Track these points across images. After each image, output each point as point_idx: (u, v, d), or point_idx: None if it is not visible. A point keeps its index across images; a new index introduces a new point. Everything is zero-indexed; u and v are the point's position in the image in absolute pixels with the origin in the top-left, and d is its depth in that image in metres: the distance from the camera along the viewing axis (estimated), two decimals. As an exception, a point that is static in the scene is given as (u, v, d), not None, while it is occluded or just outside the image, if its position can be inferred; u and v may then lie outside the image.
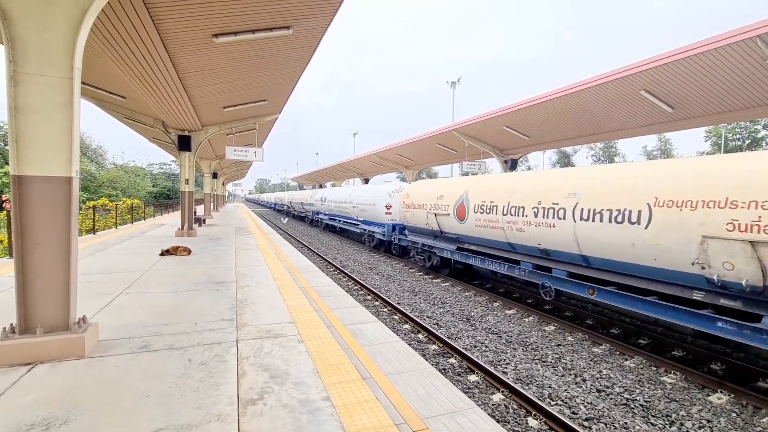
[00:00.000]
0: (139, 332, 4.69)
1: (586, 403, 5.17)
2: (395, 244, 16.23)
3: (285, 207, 52.39)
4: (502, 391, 5.43)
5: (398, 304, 9.66)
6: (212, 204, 31.71)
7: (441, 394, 3.55)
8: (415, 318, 8.27)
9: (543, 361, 6.51)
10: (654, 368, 6.25)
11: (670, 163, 6.65)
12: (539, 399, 5.21)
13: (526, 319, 8.62)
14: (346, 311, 5.93)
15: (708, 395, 5.44)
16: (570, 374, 6.05)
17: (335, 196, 25.73)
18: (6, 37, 3.60)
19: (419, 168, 31.44)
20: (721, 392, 5.46)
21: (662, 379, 5.90)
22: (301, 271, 8.79)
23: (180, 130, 14.68)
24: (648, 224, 6.16)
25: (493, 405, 5.12)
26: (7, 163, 33.15)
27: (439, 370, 6.04)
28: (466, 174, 20.11)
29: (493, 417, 4.85)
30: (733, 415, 4.97)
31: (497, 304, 9.76)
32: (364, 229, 19.81)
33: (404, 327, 8.14)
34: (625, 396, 5.38)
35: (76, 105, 3.91)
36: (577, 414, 4.94)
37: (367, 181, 40.55)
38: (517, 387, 5.33)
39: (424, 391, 3.59)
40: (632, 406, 5.16)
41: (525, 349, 6.99)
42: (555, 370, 6.21)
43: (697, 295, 5.81)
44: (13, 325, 3.86)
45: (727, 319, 5.46)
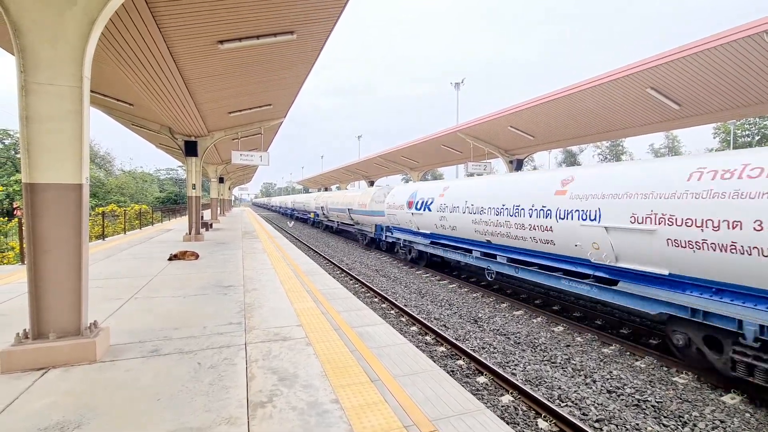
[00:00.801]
0: (148, 336, 4.73)
1: (596, 404, 5.12)
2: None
3: (289, 210, 53.72)
4: (512, 393, 5.40)
5: (405, 306, 9.65)
6: (219, 208, 31.94)
7: (449, 395, 3.54)
8: (422, 320, 8.25)
9: (552, 362, 6.46)
10: (665, 368, 6.18)
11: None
12: (549, 400, 5.17)
13: (535, 320, 8.56)
14: (353, 314, 5.94)
15: (721, 395, 5.36)
16: (580, 375, 6.00)
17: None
18: (17, 48, 3.68)
19: (424, 169, 31.43)
20: (734, 392, 5.39)
21: (674, 379, 5.82)
22: (307, 274, 8.82)
23: (186, 136, 14.84)
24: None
25: (503, 407, 5.09)
26: (18, 171, 33.69)
27: (448, 372, 6.01)
28: (471, 175, 20.09)
29: (503, 419, 4.82)
30: (747, 415, 4.90)
31: (505, 305, 9.71)
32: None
33: (412, 329, 8.13)
34: (637, 397, 5.32)
35: (86, 113, 3.97)
36: (587, 415, 4.89)
37: (372, 183, 40.60)
38: (527, 388, 5.30)
39: (432, 392, 3.58)
40: (644, 406, 5.10)
41: (534, 350, 6.95)
42: (564, 371, 6.17)
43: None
44: (26, 330, 3.92)
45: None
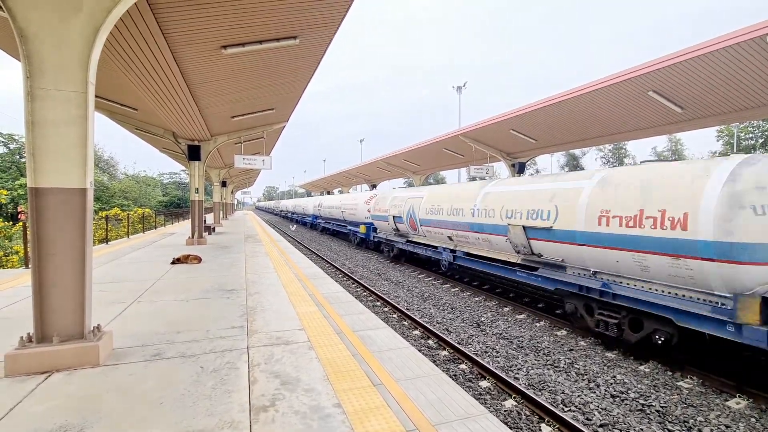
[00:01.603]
0: (151, 340, 4.75)
1: (600, 409, 5.09)
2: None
3: (290, 213, 55.62)
4: (515, 397, 5.37)
5: (408, 309, 9.63)
6: (221, 212, 32.04)
7: (452, 400, 3.53)
8: (424, 324, 8.23)
9: (555, 367, 6.42)
10: (669, 373, 6.13)
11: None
12: (552, 405, 5.14)
13: (537, 324, 8.53)
14: (355, 317, 5.93)
15: (726, 400, 5.32)
16: (583, 379, 5.97)
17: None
18: (23, 54, 3.72)
19: (427, 173, 31.43)
20: (740, 397, 5.34)
21: (678, 384, 5.78)
22: (310, 278, 8.83)
23: (189, 140, 14.92)
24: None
25: (506, 411, 5.07)
26: (23, 176, 33.93)
27: (450, 376, 5.99)
28: (474, 179, 20.09)
29: (506, 423, 4.80)
30: (753, 420, 4.85)
31: (507, 309, 9.68)
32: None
33: (414, 333, 8.11)
34: (641, 401, 5.29)
35: (90, 118, 4.01)
36: (591, 420, 4.86)
37: (374, 187, 40.63)
38: (530, 393, 5.27)
39: (435, 397, 3.57)
40: (648, 411, 5.07)
41: (537, 355, 6.91)
42: (568, 375, 6.13)
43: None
44: (30, 334, 3.93)
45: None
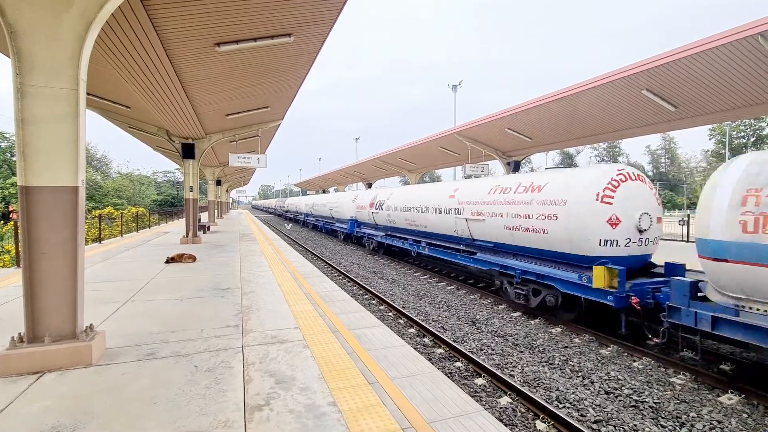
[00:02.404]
0: (145, 340, 4.71)
1: (594, 406, 5.12)
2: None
3: (284, 211, 57.39)
4: (510, 395, 5.39)
5: (403, 308, 9.64)
6: (216, 211, 31.86)
7: (447, 397, 3.54)
8: (420, 322, 8.24)
9: (550, 364, 6.46)
10: (663, 369, 6.19)
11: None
12: (547, 402, 5.17)
13: (532, 321, 8.57)
14: (351, 316, 5.93)
15: (718, 396, 5.37)
16: (578, 376, 6.01)
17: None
18: (12, 50, 3.66)
19: (422, 171, 31.45)
20: (732, 392, 5.40)
21: (671, 380, 5.83)
22: (305, 277, 8.81)
23: (184, 139, 14.81)
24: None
25: (501, 408, 5.09)
26: (14, 174, 33.54)
27: (446, 374, 6.01)
28: (469, 176, 20.14)
29: (501, 420, 4.82)
30: (744, 415, 4.91)
31: (502, 307, 9.72)
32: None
33: (410, 331, 8.12)
34: (634, 398, 5.33)
35: (82, 116, 3.96)
36: (585, 416, 4.89)
37: (370, 185, 40.61)
38: (525, 390, 5.30)
39: (430, 395, 3.58)
40: (641, 407, 5.11)
41: (532, 352, 6.95)
42: (562, 372, 6.17)
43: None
44: (21, 334, 3.89)
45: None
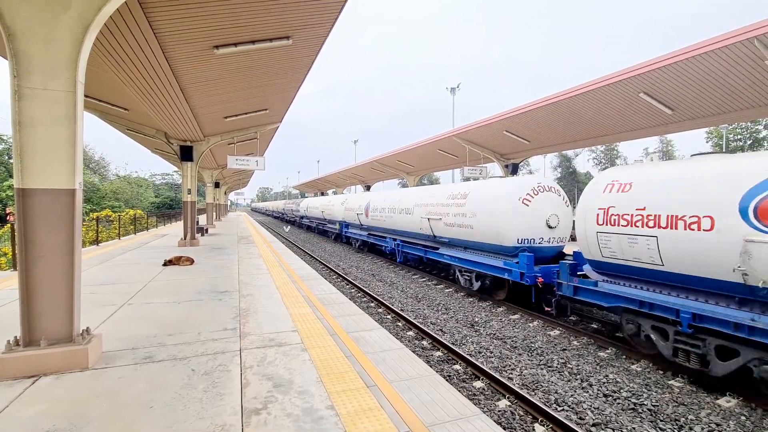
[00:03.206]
0: (142, 343, 4.69)
1: (593, 408, 5.11)
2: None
3: (281, 214, 58.39)
4: (508, 397, 5.38)
5: (402, 310, 9.63)
6: (214, 213, 31.80)
7: (446, 401, 3.53)
8: (418, 324, 8.23)
9: (548, 366, 6.45)
10: (661, 372, 6.19)
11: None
12: (545, 405, 5.16)
13: (531, 324, 8.56)
14: (349, 319, 5.91)
15: (716, 398, 5.37)
16: (576, 379, 6.00)
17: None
18: (10, 52, 3.66)
19: (421, 174, 31.48)
20: (730, 395, 5.40)
21: (670, 383, 5.83)
22: (303, 279, 8.79)
23: (182, 141, 14.79)
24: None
25: (499, 411, 5.07)
26: (11, 176, 33.42)
27: (444, 377, 5.99)
28: (468, 179, 20.16)
29: (499, 424, 4.80)
30: (743, 418, 4.91)
31: (501, 309, 9.71)
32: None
33: (408, 334, 8.10)
34: (633, 400, 5.33)
35: (79, 118, 3.95)
36: (584, 419, 4.89)
37: (368, 188, 40.62)
38: (523, 393, 5.29)
39: (428, 398, 3.57)
40: (640, 410, 5.10)
41: (530, 355, 6.94)
42: (561, 375, 6.16)
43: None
44: (17, 337, 3.86)
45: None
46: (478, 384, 5.83)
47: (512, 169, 20.75)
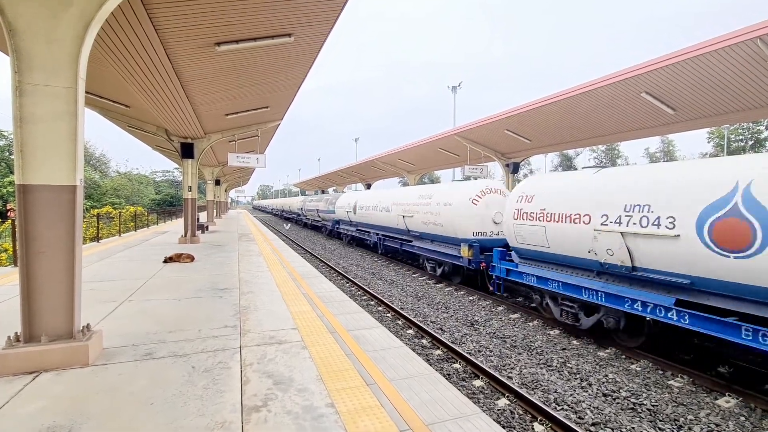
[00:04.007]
0: (142, 340, 4.69)
1: (592, 408, 5.12)
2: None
3: (281, 212, 58.39)
4: (508, 396, 5.39)
5: (402, 309, 9.63)
6: (215, 211, 31.81)
7: (445, 399, 3.53)
8: (418, 323, 8.23)
9: (548, 366, 6.46)
10: (660, 372, 6.19)
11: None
12: (545, 404, 5.17)
13: (530, 323, 8.57)
14: (349, 317, 5.92)
15: (716, 398, 5.38)
16: (576, 378, 6.01)
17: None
18: (11, 49, 3.65)
19: (421, 172, 31.47)
20: (729, 395, 5.40)
21: (669, 382, 5.84)
22: (304, 277, 8.79)
23: (183, 138, 14.79)
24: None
25: (499, 410, 5.08)
26: (12, 173, 33.45)
27: (444, 376, 6.00)
28: (468, 178, 20.13)
29: (499, 422, 4.81)
30: (742, 418, 4.91)
31: (501, 309, 9.72)
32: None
33: (408, 332, 8.11)
34: (632, 400, 5.33)
35: (81, 114, 3.95)
36: (583, 419, 4.89)
37: (369, 186, 40.58)
38: (523, 392, 5.29)
39: (428, 396, 3.57)
40: (639, 410, 5.11)
41: (530, 354, 6.95)
42: (560, 374, 6.17)
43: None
44: (18, 333, 3.87)
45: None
46: (477, 383, 5.83)
47: (513, 169, 20.73)
